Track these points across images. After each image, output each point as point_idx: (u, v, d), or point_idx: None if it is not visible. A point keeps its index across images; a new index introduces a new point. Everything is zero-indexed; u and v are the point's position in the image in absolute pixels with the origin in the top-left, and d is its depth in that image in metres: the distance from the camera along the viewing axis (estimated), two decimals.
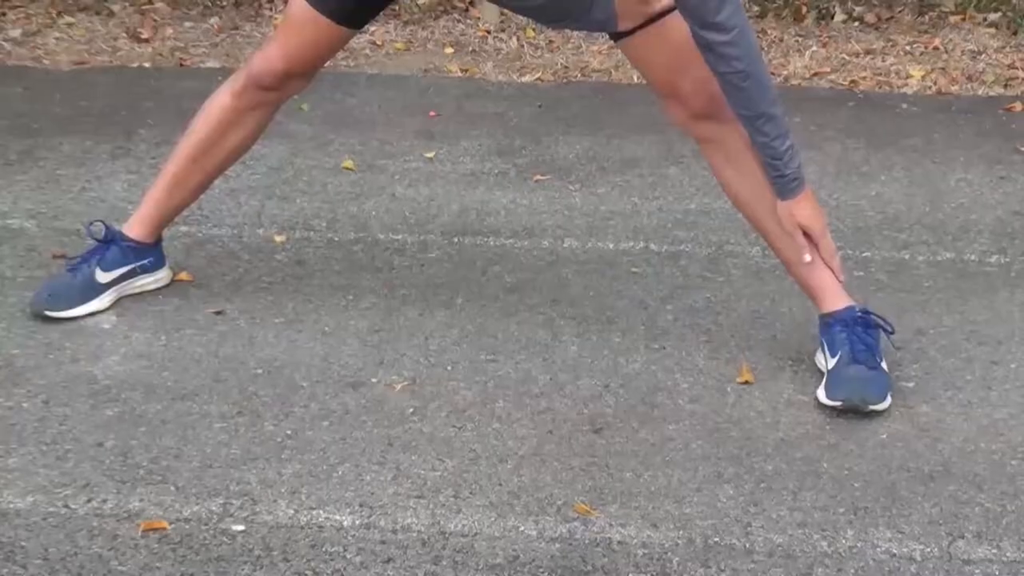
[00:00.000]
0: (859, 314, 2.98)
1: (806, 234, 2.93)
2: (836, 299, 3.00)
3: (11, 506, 2.52)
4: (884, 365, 2.96)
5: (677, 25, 2.83)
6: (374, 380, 2.99)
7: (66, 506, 2.52)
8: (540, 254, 3.56)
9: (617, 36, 2.94)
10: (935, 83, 4.65)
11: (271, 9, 5.25)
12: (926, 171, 4.02)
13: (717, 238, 3.64)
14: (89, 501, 2.54)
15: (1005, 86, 4.65)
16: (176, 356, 3.07)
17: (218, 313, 3.25)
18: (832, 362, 2.96)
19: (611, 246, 3.61)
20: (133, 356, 3.07)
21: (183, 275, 3.39)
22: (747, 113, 2.80)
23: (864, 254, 3.57)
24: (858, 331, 2.96)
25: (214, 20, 5.19)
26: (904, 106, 4.49)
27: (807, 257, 2.95)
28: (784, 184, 2.87)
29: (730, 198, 3.07)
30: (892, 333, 3.02)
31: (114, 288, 3.26)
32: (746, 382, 3.00)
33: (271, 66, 3.06)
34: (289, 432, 2.80)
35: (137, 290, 3.29)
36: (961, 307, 3.32)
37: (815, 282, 3.00)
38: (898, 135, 4.26)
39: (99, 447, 2.73)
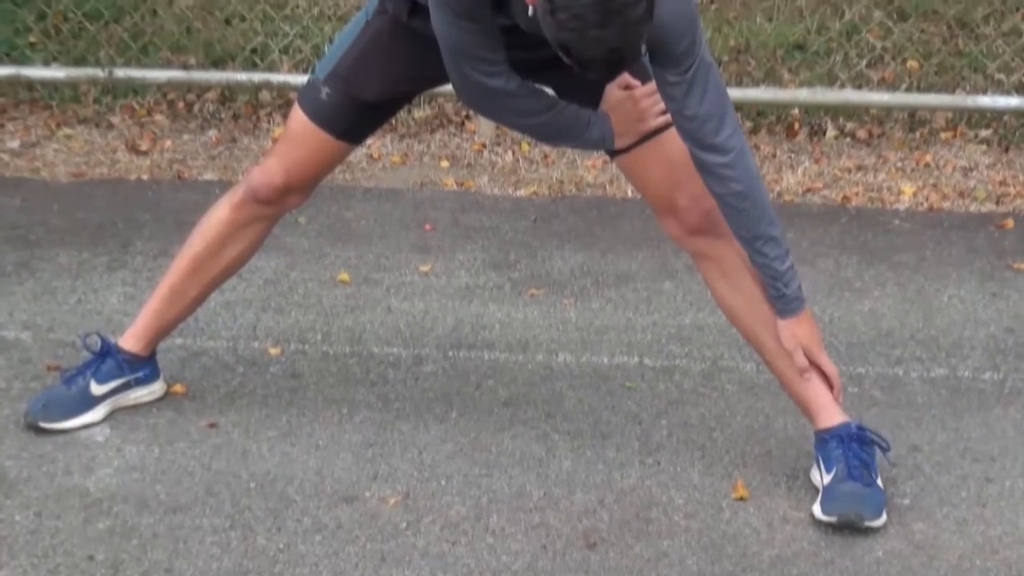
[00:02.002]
0: (854, 430, 2.98)
1: (806, 353, 2.95)
2: (831, 415, 3.00)
3: None
4: (879, 482, 2.96)
5: (672, 141, 2.86)
6: (367, 494, 2.98)
7: None
8: (534, 368, 3.57)
9: (613, 152, 2.97)
10: (927, 199, 4.69)
11: (269, 122, 5.29)
12: (919, 287, 4.04)
13: (712, 353, 3.65)
14: None
15: (997, 202, 4.68)
16: (169, 469, 3.06)
17: (212, 426, 3.25)
18: (828, 478, 2.95)
19: (605, 360, 3.61)
20: (126, 469, 3.06)
21: (177, 387, 3.39)
22: (746, 234, 2.82)
23: (858, 370, 3.57)
24: (854, 447, 2.96)
25: (212, 133, 5.23)
26: (896, 222, 4.52)
27: (807, 376, 2.96)
28: (785, 304, 2.89)
29: (725, 313, 3.08)
30: (887, 449, 3.02)
31: (108, 400, 3.26)
32: (741, 498, 2.99)
33: (270, 180, 3.09)
34: (281, 546, 2.78)
35: (131, 402, 3.29)
36: (955, 424, 3.32)
37: (810, 398, 3.01)
38: (891, 251, 4.29)
39: (90, 560, 2.72)
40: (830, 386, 2.99)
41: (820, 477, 2.98)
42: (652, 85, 2.84)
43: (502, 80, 2.75)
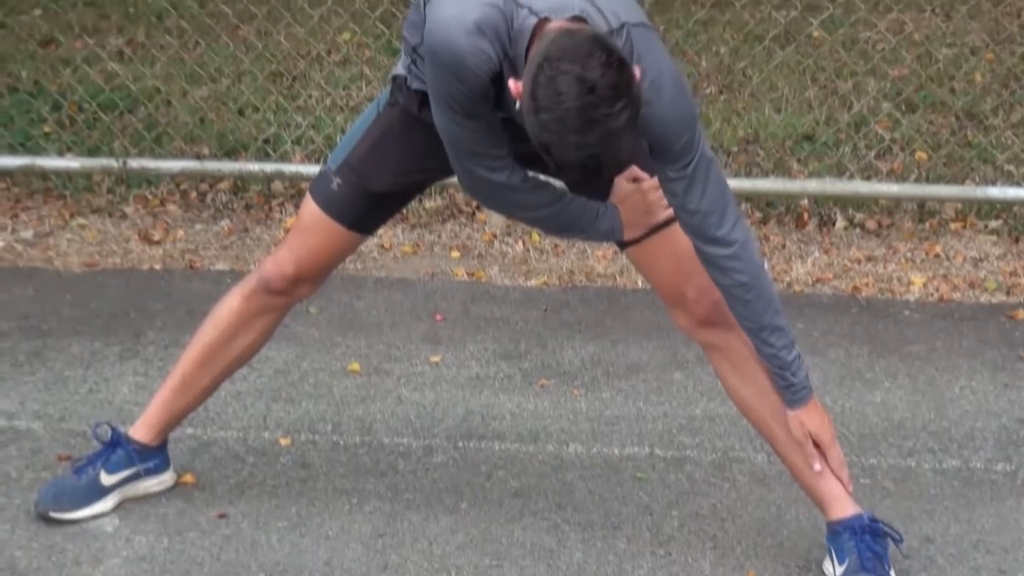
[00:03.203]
0: (867, 522, 2.97)
1: (815, 443, 2.94)
2: (844, 506, 2.99)
3: None
4: (892, 573, 2.94)
5: (680, 234, 2.87)
6: None
7: None
8: (545, 459, 3.56)
9: (623, 244, 2.98)
10: (937, 290, 4.69)
11: (281, 213, 5.32)
12: (930, 378, 4.03)
13: (723, 444, 3.64)
14: None
15: (1008, 293, 4.68)
16: (178, 560, 3.05)
17: (222, 516, 3.24)
18: (840, 570, 2.94)
19: (616, 451, 3.60)
20: (135, 559, 3.05)
21: (187, 477, 3.38)
22: (752, 325, 2.83)
23: (870, 461, 3.56)
24: (866, 539, 2.95)
25: (225, 223, 5.25)
26: (907, 313, 4.52)
27: (817, 466, 2.95)
28: (793, 393, 2.89)
29: (735, 404, 3.08)
30: (900, 541, 3.01)
31: (118, 490, 3.25)
32: None
33: (281, 269, 3.10)
34: None
35: (141, 492, 3.29)
36: (968, 515, 3.31)
37: (822, 489, 3.00)
38: (901, 342, 4.28)
39: None
40: (839, 476, 2.98)
41: (833, 569, 2.97)
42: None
43: (505, 174, 2.77)
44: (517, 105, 2.49)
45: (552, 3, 2.56)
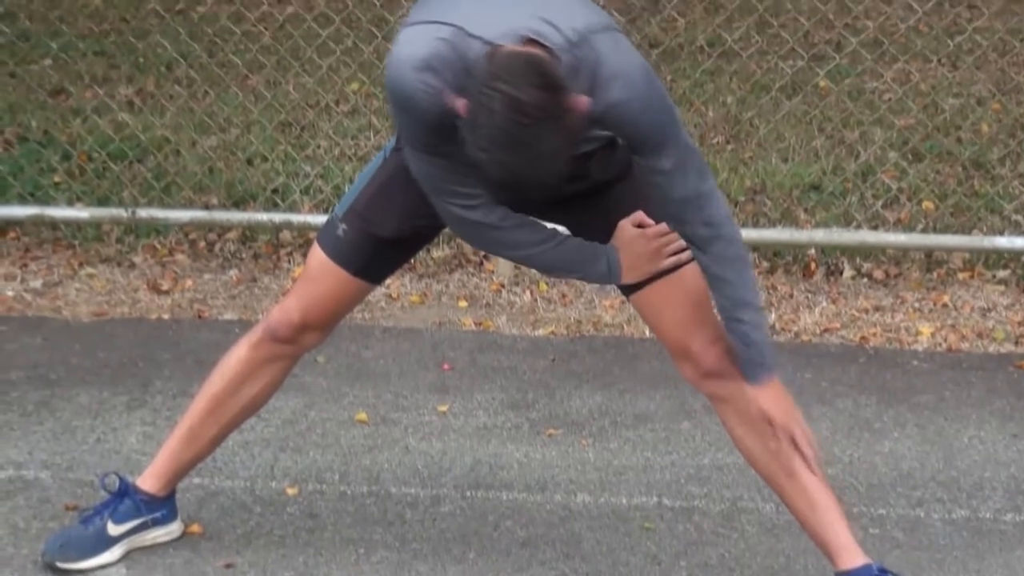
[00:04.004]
0: (876, 572, 2.96)
1: (778, 423, 2.90)
2: (853, 556, 2.98)
3: None
4: None
5: (685, 284, 2.89)
6: None
7: None
8: (553, 509, 3.55)
9: (628, 291, 2.98)
10: (945, 340, 4.69)
11: (290, 262, 5.33)
12: (939, 428, 4.03)
13: (731, 494, 3.63)
14: None
15: (1016, 343, 4.68)
16: None
17: (229, 566, 3.23)
18: None
19: (624, 501, 3.60)
20: None
21: (194, 527, 3.38)
22: (727, 303, 2.82)
23: (879, 511, 3.55)
24: None
25: (233, 272, 5.27)
26: (915, 362, 4.52)
27: (773, 446, 2.92)
28: (751, 369, 2.86)
29: (742, 454, 3.08)
30: None
31: (125, 540, 3.25)
32: None
33: (288, 317, 3.10)
34: None
35: (148, 542, 3.28)
36: (977, 565, 3.30)
37: (831, 539, 2.99)
38: (910, 392, 4.28)
39: None
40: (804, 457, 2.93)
41: None
42: (664, 226, 2.87)
43: (480, 212, 2.78)
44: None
45: (503, 29, 2.58)
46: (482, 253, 5.29)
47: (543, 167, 2.49)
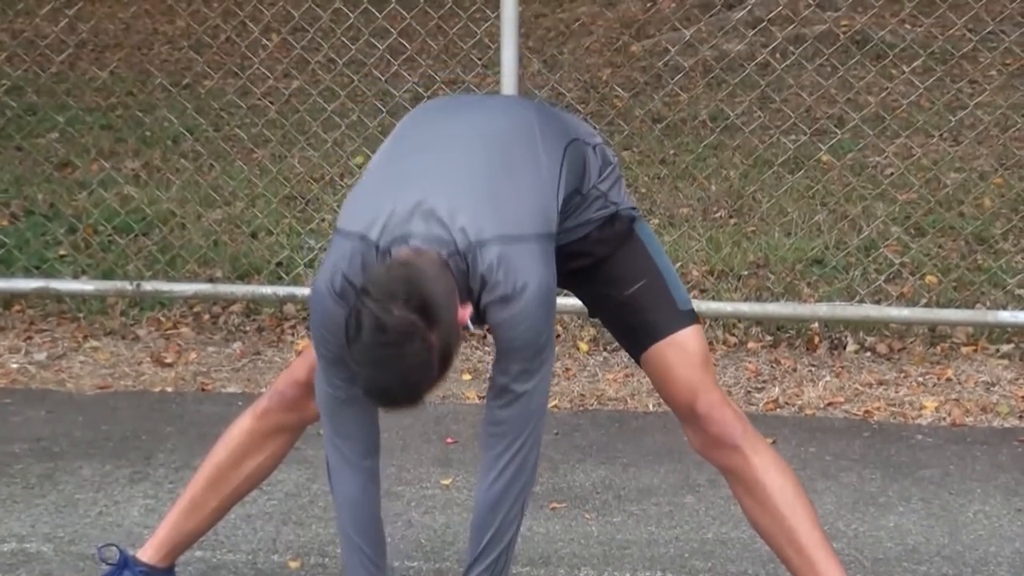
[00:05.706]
0: None
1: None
2: None
3: None
4: None
5: (690, 345, 2.90)
6: None
7: None
8: None
9: (635, 354, 2.99)
10: (949, 414, 4.69)
11: (293, 335, 5.34)
12: (944, 503, 4.02)
13: (735, 568, 3.61)
14: None
15: (1020, 418, 4.67)
16: None
17: None
18: None
19: None
20: None
21: None
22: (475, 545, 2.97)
23: None
24: None
25: (236, 345, 5.28)
26: (919, 437, 4.51)
27: None
28: None
29: (751, 525, 3.07)
30: None
31: None
32: None
33: (293, 376, 3.12)
34: None
35: None
36: None
37: None
38: (914, 466, 4.27)
39: None
40: None
41: None
42: None
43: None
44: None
45: (396, 233, 2.61)
46: (486, 327, 5.29)
47: (410, 381, 2.52)
